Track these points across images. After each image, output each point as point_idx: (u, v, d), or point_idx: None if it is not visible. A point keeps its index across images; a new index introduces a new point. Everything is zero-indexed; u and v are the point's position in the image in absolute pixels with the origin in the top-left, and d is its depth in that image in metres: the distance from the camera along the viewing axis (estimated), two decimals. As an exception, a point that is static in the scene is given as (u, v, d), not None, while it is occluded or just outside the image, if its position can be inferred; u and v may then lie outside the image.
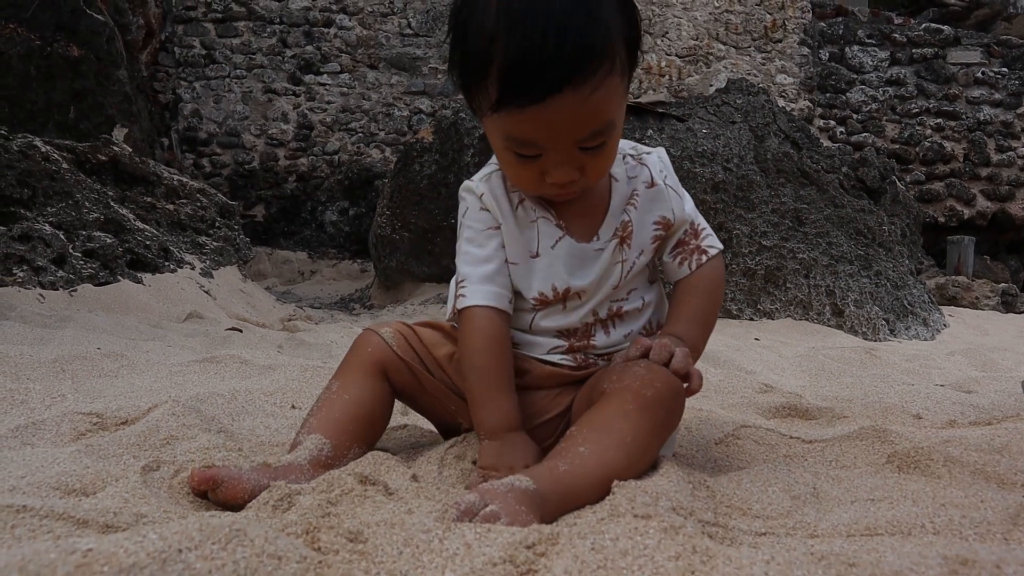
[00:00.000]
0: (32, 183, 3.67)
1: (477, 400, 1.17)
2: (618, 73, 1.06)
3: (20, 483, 1.00)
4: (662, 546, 0.76)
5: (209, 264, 4.34)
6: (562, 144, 1.07)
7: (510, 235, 1.22)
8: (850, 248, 4.63)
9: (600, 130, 1.08)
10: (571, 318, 1.24)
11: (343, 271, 7.62)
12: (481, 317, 1.18)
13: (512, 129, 1.07)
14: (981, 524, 0.96)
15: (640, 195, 1.25)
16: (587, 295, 1.23)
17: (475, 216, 1.24)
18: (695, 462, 1.33)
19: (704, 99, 5.40)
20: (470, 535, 0.77)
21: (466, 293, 1.20)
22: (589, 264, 1.22)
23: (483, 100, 1.07)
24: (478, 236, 1.23)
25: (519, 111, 1.03)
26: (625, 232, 1.23)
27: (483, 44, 1.03)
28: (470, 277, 1.21)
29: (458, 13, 1.09)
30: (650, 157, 1.29)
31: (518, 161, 1.11)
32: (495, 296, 1.19)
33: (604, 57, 1.02)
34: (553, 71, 1.00)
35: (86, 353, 2.02)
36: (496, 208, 1.22)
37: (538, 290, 1.22)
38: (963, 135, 9.01)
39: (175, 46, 8.24)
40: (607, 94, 1.05)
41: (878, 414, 1.87)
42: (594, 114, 1.05)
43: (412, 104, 8.57)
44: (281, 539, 0.72)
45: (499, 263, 1.21)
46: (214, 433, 1.34)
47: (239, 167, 8.33)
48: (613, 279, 1.23)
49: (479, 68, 1.05)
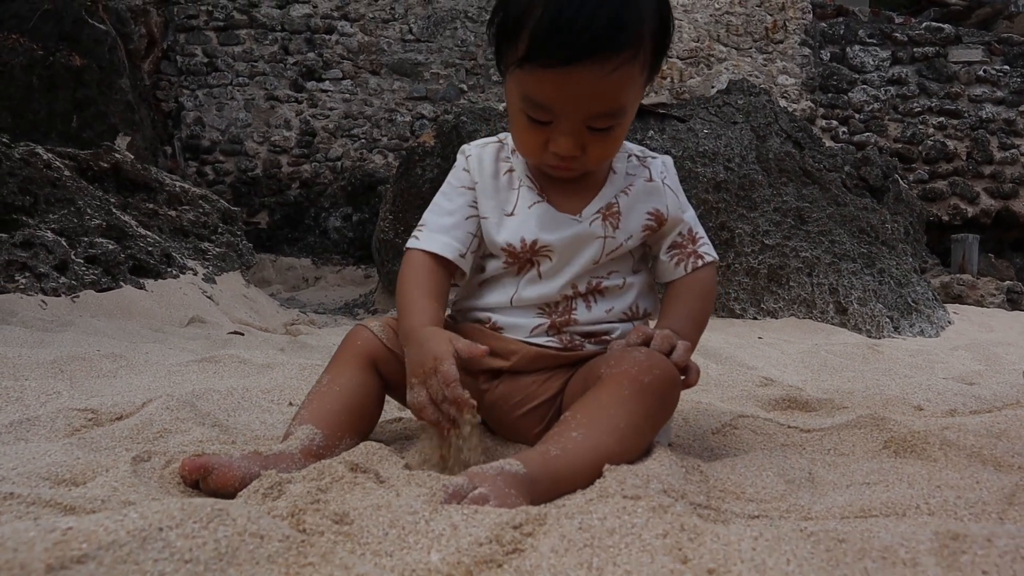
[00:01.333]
0: (34, 190, 3.68)
1: (400, 316, 1.20)
2: (640, 64, 1.10)
3: (10, 474, 0.99)
4: (650, 524, 0.76)
5: (212, 270, 4.35)
6: (574, 115, 1.11)
7: (486, 194, 1.27)
8: (853, 246, 4.61)
9: (611, 112, 1.12)
10: (550, 287, 1.25)
11: (347, 277, 7.62)
12: (421, 259, 1.24)
13: (531, 89, 1.10)
14: (976, 504, 0.96)
15: (635, 187, 1.29)
16: (557, 256, 1.24)
17: (456, 175, 1.31)
18: (691, 450, 1.32)
19: (705, 100, 5.40)
20: (457, 516, 0.77)
21: (419, 236, 1.26)
22: (561, 227, 1.24)
23: (510, 54, 1.12)
24: (451, 191, 1.30)
25: (541, 71, 1.07)
26: (609, 211, 1.26)
27: (520, 5, 1.09)
28: (428, 224, 1.27)
29: None
30: (654, 161, 1.34)
31: (528, 124, 1.14)
32: (443, 245, 1.24)
33: (632, 41, 1.07)
34: (582, 38, 1.04)
35: (85, 354, 2.03)
36: (478, 170, 1.29)
37: (506, 240, 1.24)
38: (966, 133, 8.98)
39: (177, 54, 8.27)
40: (626, 78, 1.09)
41: (879, 405, 1.86)
42: (610, 93, 1.09)
43: (414, 109, 8.58)
44: (264, 519, 0.71)
45: (460, 218, 1.26)
46: (208, 427, 1.34)
47: (242, 174, 8.35)
48: (591, 252, 1.25)
49: (514, 24, 1.10)
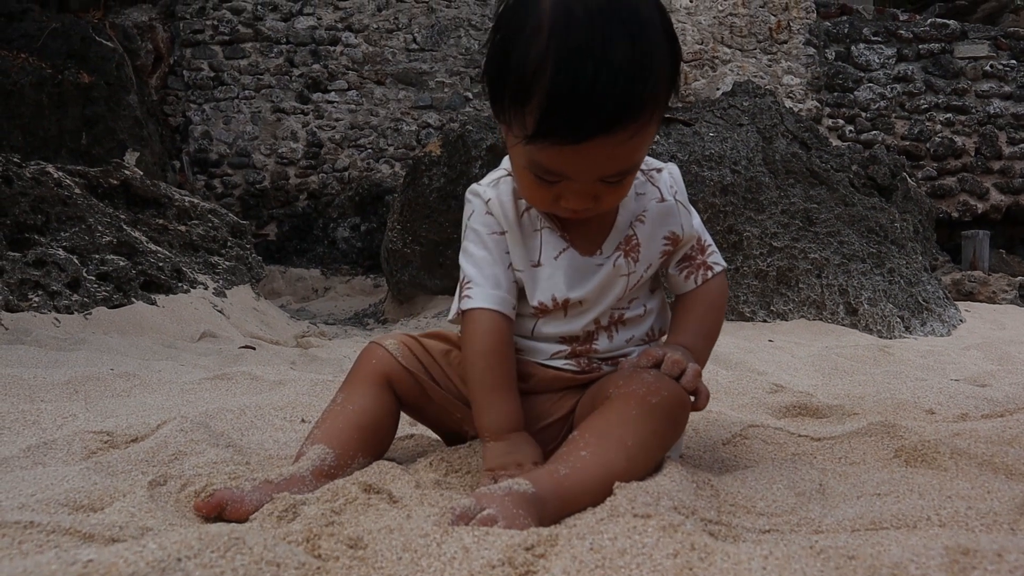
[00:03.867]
0: (45, 209, 3.72)
1: (480, 403, 1.17)
2: (656, 120, 1.07)
3: (29, 500, 1.01)
4: (660, 544, 0.76)
5: (222, 284, 4.37)
6: (586, 178, 1.07)
7: (514, 243, 1.22)
8: (862, 246, 4.60)
9: (627, 170, 1.09)
10: (573, 325, 1.24)
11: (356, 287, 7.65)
12: (485, 320, 1.18)
13: (540, 158, 1.06)
14: (988, 515, 0.96)
15: (649, 211, 1.25)
16: (587, 304, 1.23)
17: (481, 219, 1.24)
18: (702, 462, 1.32)
19: (710, 103, 5.40)
20: (468, 539, 0.78)
21: (472, 295, 1.20)
22: (589, 276, 1.21)
23: (516, 125, 1.06)
24: (484, 239, 1.23)
25: (551, 146, 1.02)
26: (629, 246, 1.23)
27: (528, 68, 1.01)
28: (475, 279, 1.21)
29: (505, 23, 1.07)
30: (661, 175, 1.28)
31: (536, 182, 1.10)
32: (499, 300, 1.20)
33: (648, 108, 1.02)
34: (597, 118, 0.99)
35: (99, 374, 2.04)
36: (502, 215, 1.22)
37: (538, 300, 1.22)
38: (973, 129, 8.95)
39: (184, 69, 8.33)
40: (642, 140, 1.06)
41: (890, 410, 1.86)
42: (625, 156, 1.06)
43: (420, 118, 8.61)
44: (280, 546, 0.72)
45: (504, 267, 1.22)
46: (222, 448, 1.35)
47: (250, 187, 8.40)
48: (617, 291, 1.23)
49: (519, 93, 1.03)
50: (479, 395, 1.18)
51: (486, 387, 1.17)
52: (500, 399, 1.16)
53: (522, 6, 1.05)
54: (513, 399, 1.18)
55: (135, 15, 8.05)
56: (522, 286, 1.23)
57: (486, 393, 1.17)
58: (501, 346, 1.19)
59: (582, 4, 0.99)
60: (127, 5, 8.18)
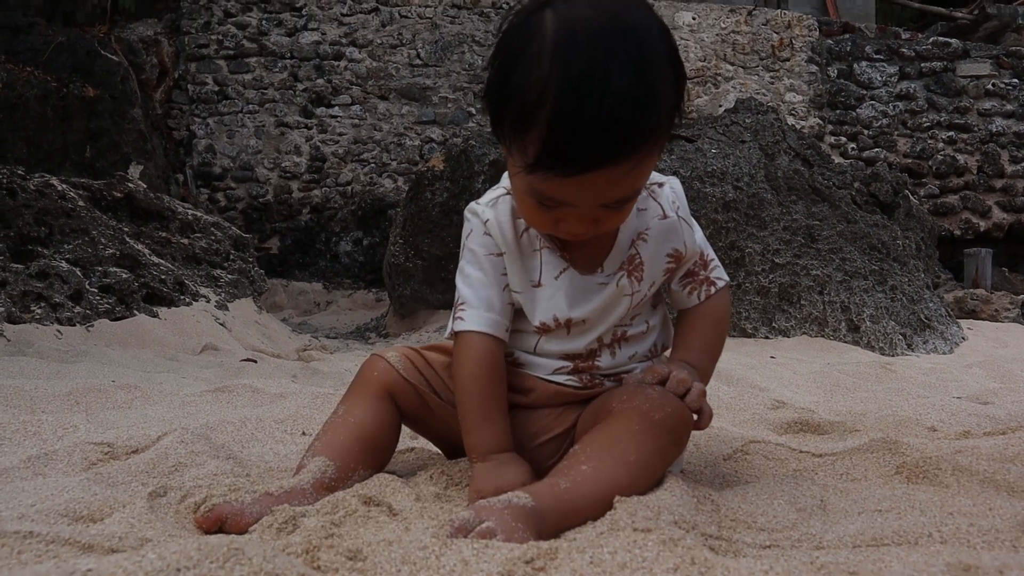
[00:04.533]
0: (49, 221, 3.73)
1: (468, 425, 1.17)
2: (659, 148, 1.05)
3: (29, 511, 1.01)
4: (660, 558, 0.76)
5: (224, 297, 4.38)
6: (587, 205, 1.05)
7: (513, 264, 1.21)
8: (864, 263, 4.60)
9: (629, 197, 1.07)
10: (576, 344, 1.23)
11: (359, 301, 7.65)
12: (476, 343, 1.18)
13: (541, 187, 1.03)
14: (989, 532, 0.95)
15: (651, 229, 1.23)
16: (590, 323, 1.22)
17: (479, 240, 1.22)
18: (703, 478, 1.32)
19: (713, 119, 5.42)
20: (467, 552, 0.77)
21: (464, 317, 1.20)
22: (591, 296, 1.20)
23: (516, 152, 1.03)
24: (480, 259, 1.22)
25: (553, 176, 1.00)
26: (632, 265, 1.21)
27: (529, 96, 0.98)
28: (469, 301, 1.20)
29: (507, 45, 1.04)
30: (662, 190, 1.26)
31: (537, 207, 1.08)
32: (492, 323, 1.19)
33: (651, 138, 1.00)
34: (599, 151, 0.97)
35: (100, 385, 2.05)
36: (500, 236, 1.20)
37: (540, 320, 1.21)
38: (976, 147, 8.96)
39: (188, 83, 8.36)
40: (645, 168, 1.04)
41: (892, 427, 1.86)
42: (628, 185, 1.04)
43: (423, 133, 8.64)
44: (279, 558, 0.72)
45: (499, 289, 1.21)
46: (222, 460, 1.35)
47: (253, 200, 8.41)
48: (620, 311, 1.22)
49: (519, 120, 1.00)
50: (468, 418, 1.18)
51: (475, 411, 1.17)
52: (488, 423, 1.16)
53: (524, 28, 1.02)
54: (502, 422, 1.18)
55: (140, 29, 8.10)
56: (519, 307, 1.22)
57: (474, 416, 1.17)
58: (491, 370, 1.18)
59: (585, 29, 0.97)
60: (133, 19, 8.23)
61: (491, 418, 1.17)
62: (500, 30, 1.06)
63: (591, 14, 0.98)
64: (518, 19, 1.04)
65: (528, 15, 1.03)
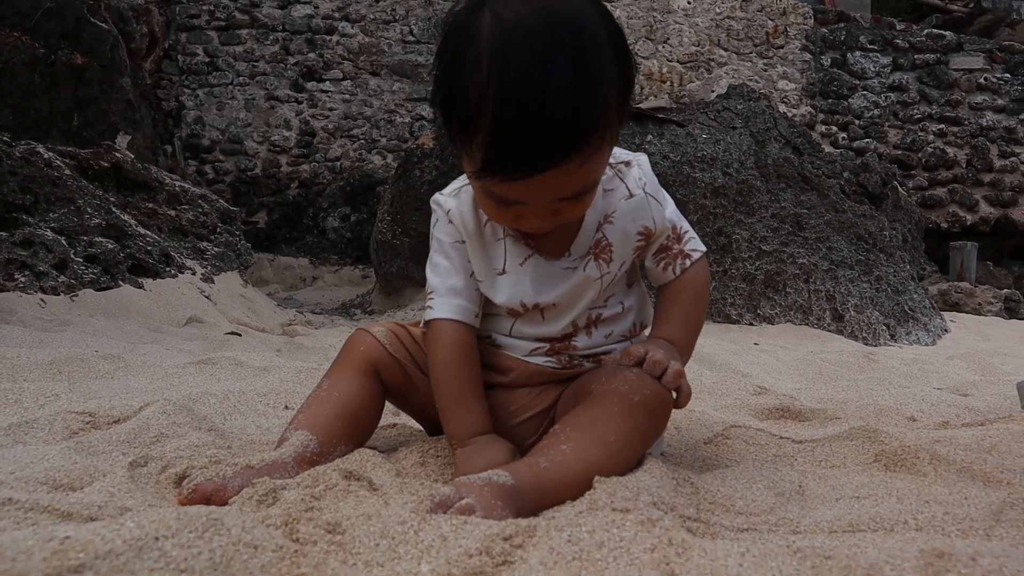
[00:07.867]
0: (34, 189, 3.69)
1: (445, 411, 1.18)
2: (610, 138, 1.02)
3: (8, 478, 1.00)
4: (638, 538, 0.77)
5: (210, 270, 4.36)
6: (542, 202, 1.03)
7: (475, 253, 1.20)
8: (851, 253, 4.63)
9: (583, 191, 1.05)
10: (551, 328, 1.23)
11: (345, 277, 7.63)
12: (446, 331, 1.19)
13: (494, 189, 1.02)
14: (964, 520, 0.97)
15: (618, 211, 1.21)
16: (560, 308, 1.22)
17: (443, 229, 1.22)
18: (683, 461, 1.33)
19: (705, 104, 5.41)
20: (446, 527, 0.78)
21: (433, 305, 1.21)
22: (557, 281, 1.19)
23: (466, 156, 1.02)
24: (446, 248, 1.22)
25: (501, 182, 0.98)
26: (599, 248, 1.20)
27: (471, 100, 0.95)
28: (437, 289, 1.21)
29: (447, 49, 1.01)
30: (629, 169, 1.23)
31: (495, 205, 1.07)
32: (460, 310, 1.20)
33: (598, 132, 0.97)
34: (544, 153, 0.94)
35: (83, 355, 2.04)
36: (462, 226, 1.20)
37: (506, 304, 1.21)
38: (966, 141, 9.00)
39: (179, 54, 8.28)
40: (596, 163, 1.02)
41: (872, 416, 1.87)
42: (580, 179, 1.01)
43: (414, 111, 8.60)
44: (258, 529, 0.72)
45: (466, 276, 1.21)
46: (204, 431, 1.35)
47: (242, 174, 8.36)
48: (591, 294, 1.21)
49: (464, 126, 0.98)
50: (445, 405, 1.18)
51: (451, 397, 1.18)
52: (465, 407, 1.17)
53: (462, 31, 0.99)
54: (478, 406, 1.18)
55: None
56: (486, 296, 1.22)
57: (451, 403, 1.18)
58: (463, 356, 1.19)
59: (521, 27, 0.94)
60: (123, -13, 8.13)
61: (467, 403, 1.17)
62: (443, 27, 1.04)
63: (527, 11, 0.95)
64: (458, 18, 1.02)
65: (468, 13, 1.00)
